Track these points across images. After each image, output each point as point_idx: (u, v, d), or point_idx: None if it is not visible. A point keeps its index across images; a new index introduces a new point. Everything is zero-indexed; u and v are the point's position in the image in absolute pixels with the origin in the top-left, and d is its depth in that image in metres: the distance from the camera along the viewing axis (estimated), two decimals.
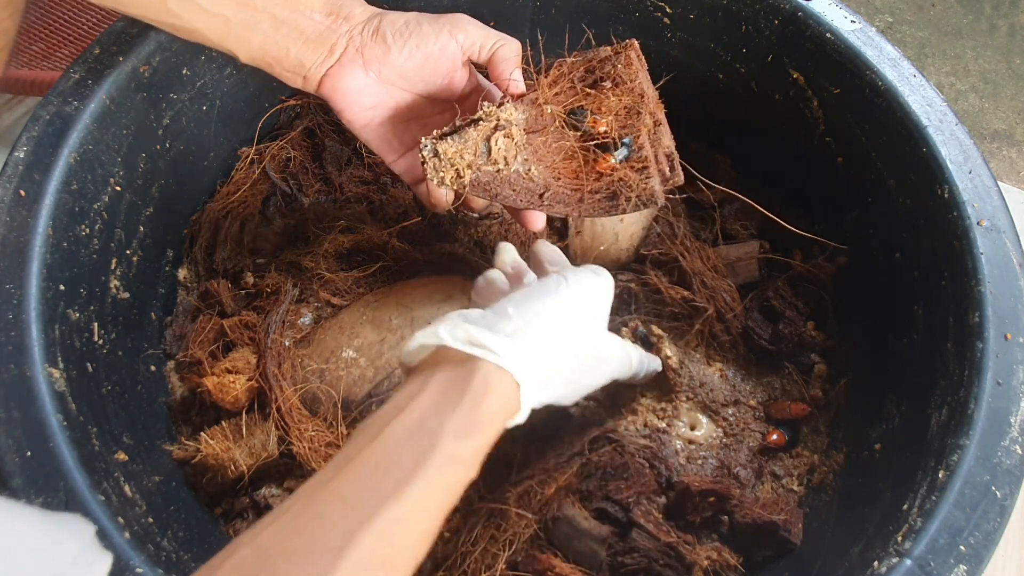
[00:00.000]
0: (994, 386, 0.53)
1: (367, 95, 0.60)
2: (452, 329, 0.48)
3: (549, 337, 0.50)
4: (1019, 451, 0.51)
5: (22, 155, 0.58)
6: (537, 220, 0.61)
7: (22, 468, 0.49)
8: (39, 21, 1.02)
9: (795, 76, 0.71)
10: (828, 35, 0.68)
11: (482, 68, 0.60)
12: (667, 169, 0.57)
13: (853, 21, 0.68)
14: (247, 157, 0.78)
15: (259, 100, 0.78)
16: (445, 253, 0.74)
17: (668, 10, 0.75)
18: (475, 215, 0.77)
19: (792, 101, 0.73)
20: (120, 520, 0.50)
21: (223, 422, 0.64)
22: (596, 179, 0.55)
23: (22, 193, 0.57)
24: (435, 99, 0.61)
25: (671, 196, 0.80)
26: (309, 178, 0.78)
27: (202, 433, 0.63)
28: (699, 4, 0.73)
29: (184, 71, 0.69)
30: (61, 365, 0.54)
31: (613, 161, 0.55)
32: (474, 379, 0.46)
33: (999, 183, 0.61)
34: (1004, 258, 0.57)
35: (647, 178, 0.55)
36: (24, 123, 0.59)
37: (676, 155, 0.58)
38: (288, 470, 0.63)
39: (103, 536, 0.48)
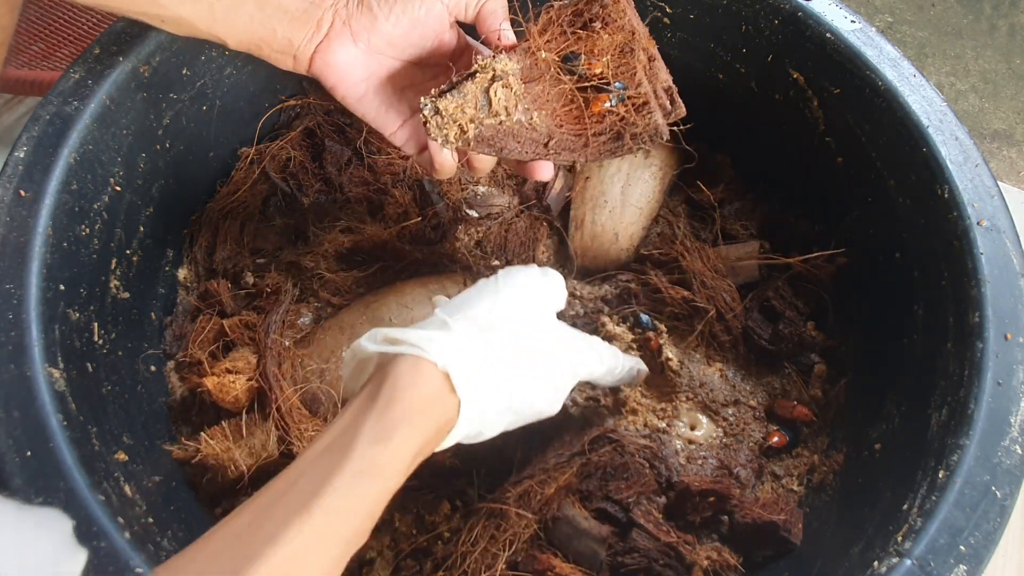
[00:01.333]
0: (994, 386, 0.53)
1: (358, 68, 0.59)
2: (372, 335, 0.46)
3: (477, 322, 0.48)
4: (1019, 451, 0.51)
5: (22, 155, 0.58)
6: (544, 170, 0.60)
7: (22, 468, 0.49)
8: (39, 21, 1.02)
9: (795, 76, 0.71)
10: (828, 35, 0.68)
11: (469, 28, 0.60)
12: (667, 103, 0.56)
13: (853, 21, 0.68)
14: (247, 157, 0.78)
15: (259, 100, 0.78)
16: (445, 253, 0.74)
17: (668, 10, 0.75)
18: (474, 214, 0.77)
19: (792, 101, 0.73)
20: (120, 520, 0.50)
21: (223, 422, 0.64)
22: (598, 122, 0.55)
23: (22, 193, 0.57)
24: (426, 64, 0.61)
25: (672, 196, 0.80)
26: (309, 178, 0.78)
27: (202, 433, 0.63)
28: (699, 4, 0.73)
29: (184, 71, 0.69)
30: (61, 365, 0.54)
31: (607, 104, 0.55)
32: (390, 375, 0.44)
33: (999, 183, 0.62)
34: (1004, 258, 0.57)
35: (649, 113, 0.54)
36: (24, 123, 0.59)
37: (675, 88, 0.57)
38: None
39: (101, 536, 0.48)
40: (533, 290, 0.54)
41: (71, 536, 0.32)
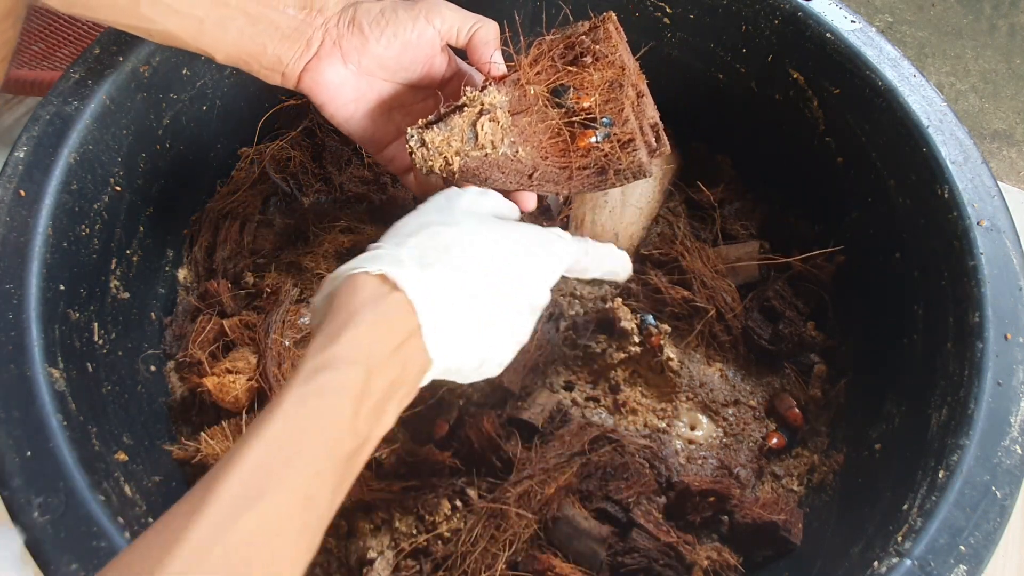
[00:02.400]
0: (994, 386, 0.53)
1: (348, 88, 0.59)
2: (328, 279, 0.47)
3: (412, 232, 0.48)
4: (1019, 451, 0.51)
5: (22, 155, 0.58)
6: (528, 200, 0.60)
7: (22, 468, 0.49)
8: (39, 21, 1.02)
9: (795, 76, 0.71)
10: (828, 35, 0.68)
11: (461, 52, 0.60)
12: (653, 140, 0.57)
13: (853, 21, 0.68)
14: (247, 157, 0.78)
15: (259, 100, 0.78)
16: None
17: (668, 10, 0.75)
18: None
19: (792, 101, 0.73)
20: (120, 520, 0.50)
21: (223, 422, 0.64)
22: (583, 156, 0.55)
23: (22, 193, 0.57)
24: (416, 87, 0.61)
25: (672, 197, 0.80)
26: (309, 178, 0.78)
27: (202, 433, 0.63)
28: (699, 4, 0.73)
29: (184, 71, 0.69)
30: (61, 365, 0.54)
31: (593, 140, 0.55)
32: (335, 296, 0.45)
33: (999, 183, 0.62)
34: (1004, 258, 0.57)
35: (634, 150, 0.55)
36: (24, 123, 0.59)
37: (661, 125, 0.57)
38: None
39: (101, 536, 0.48)
40: (458, 196, 0.53)
41: (20, 555, 0.32)
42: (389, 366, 0.43)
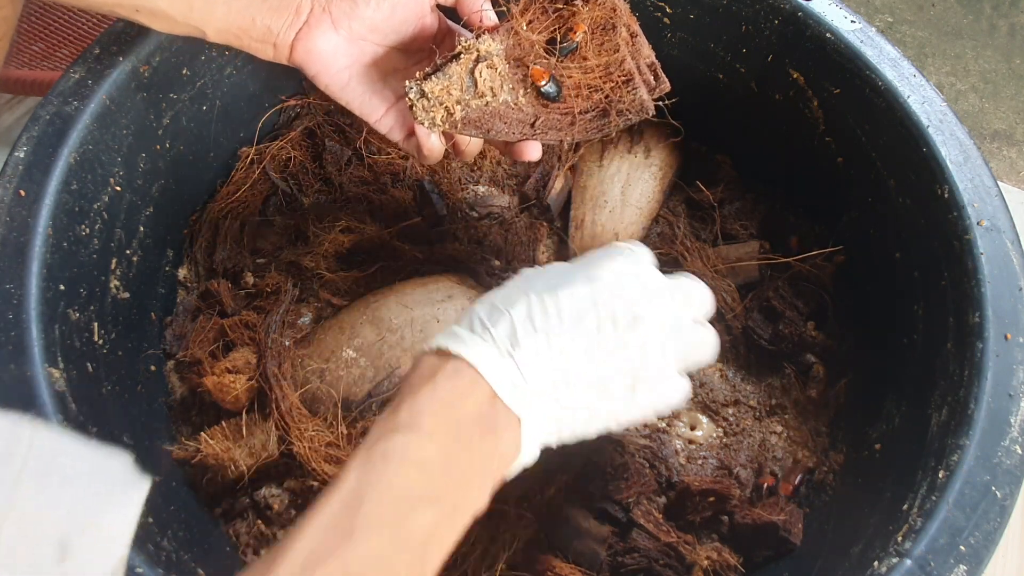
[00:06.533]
0: (994, 386, 0.53)
1: (341, 55, 0.59)
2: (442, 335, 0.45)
3: (519, 303, 0.45)
4: (1019, 451, 0.51)
5: (22, 155, 0.58)
6: (532, 150, 0.60)
7: None
8: (39, 21, 1.02)
9: (795, 76, 0.71)
10: (828, 35, 0.68)
11: (450, 12, 0.60)
12: (651, 78, 0.56)
13: (853, 21, 0.68)
14: (247, 157, 0.78)
15: (259, 100, 0.78)
16: (445, 253, 0.74)
17: (668, 10, 0.75)
18: (474, 214, 0.77)
19: (792, 101, 0.73)
20: None
21: (223, 422, 0.64)
22: (585, 99, 0.55)
23: (22, 193, 0.57)
24: (409, 50, 0.61)
25: (671, 200, 0.80)
26: (309, 178, 0.78)
27: (202, 433, 0.63)
28: (699, 4, 0.73)
29: (184, 71, 0.69)
30: (61, 365, 0.54)
31: (542, 83, 0.54)
32: (415, 368, 0.44)
33: (999, 183, 0.61)
34: (1004, 258, 0.57)
35: (634, 89, 0.54)
36: (24, 123, 0.59)
37: (658, 64, 0.57)
38: (288, 470, 0.63)
39: None
40: (601, 259, 0.50)
41: (134, 466, 0.33)
42: (450, 428, 0.41)
